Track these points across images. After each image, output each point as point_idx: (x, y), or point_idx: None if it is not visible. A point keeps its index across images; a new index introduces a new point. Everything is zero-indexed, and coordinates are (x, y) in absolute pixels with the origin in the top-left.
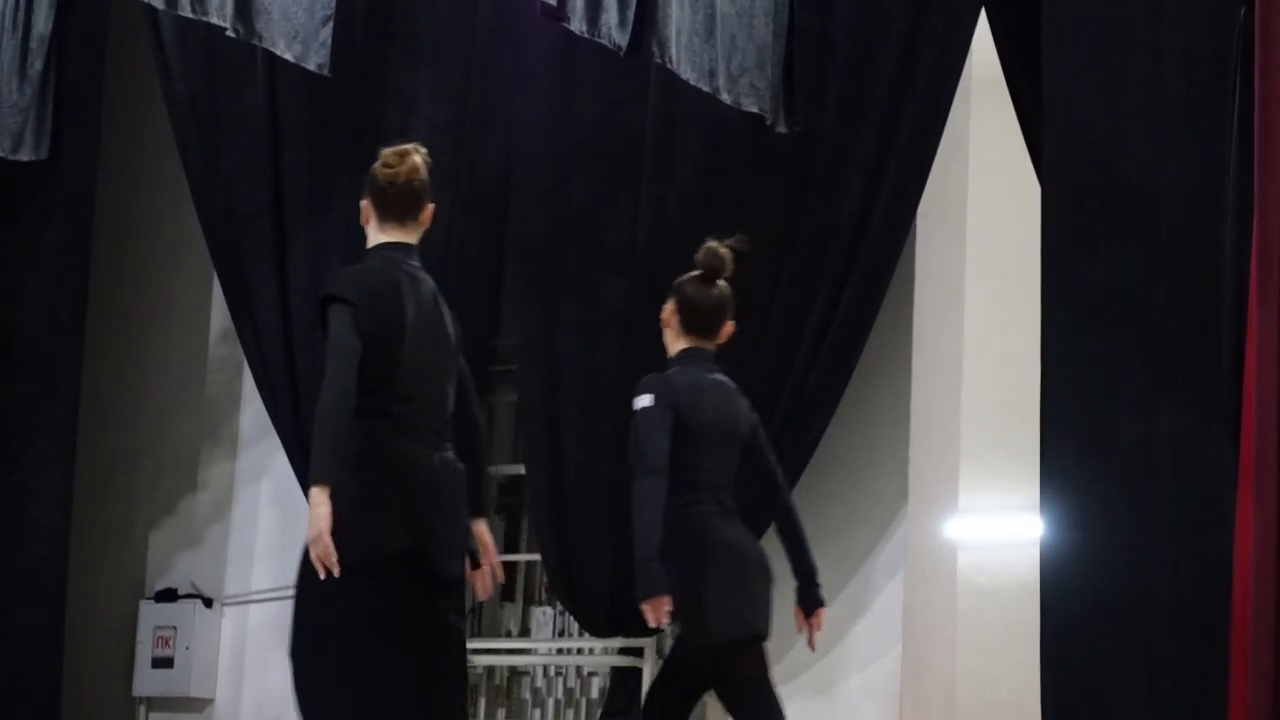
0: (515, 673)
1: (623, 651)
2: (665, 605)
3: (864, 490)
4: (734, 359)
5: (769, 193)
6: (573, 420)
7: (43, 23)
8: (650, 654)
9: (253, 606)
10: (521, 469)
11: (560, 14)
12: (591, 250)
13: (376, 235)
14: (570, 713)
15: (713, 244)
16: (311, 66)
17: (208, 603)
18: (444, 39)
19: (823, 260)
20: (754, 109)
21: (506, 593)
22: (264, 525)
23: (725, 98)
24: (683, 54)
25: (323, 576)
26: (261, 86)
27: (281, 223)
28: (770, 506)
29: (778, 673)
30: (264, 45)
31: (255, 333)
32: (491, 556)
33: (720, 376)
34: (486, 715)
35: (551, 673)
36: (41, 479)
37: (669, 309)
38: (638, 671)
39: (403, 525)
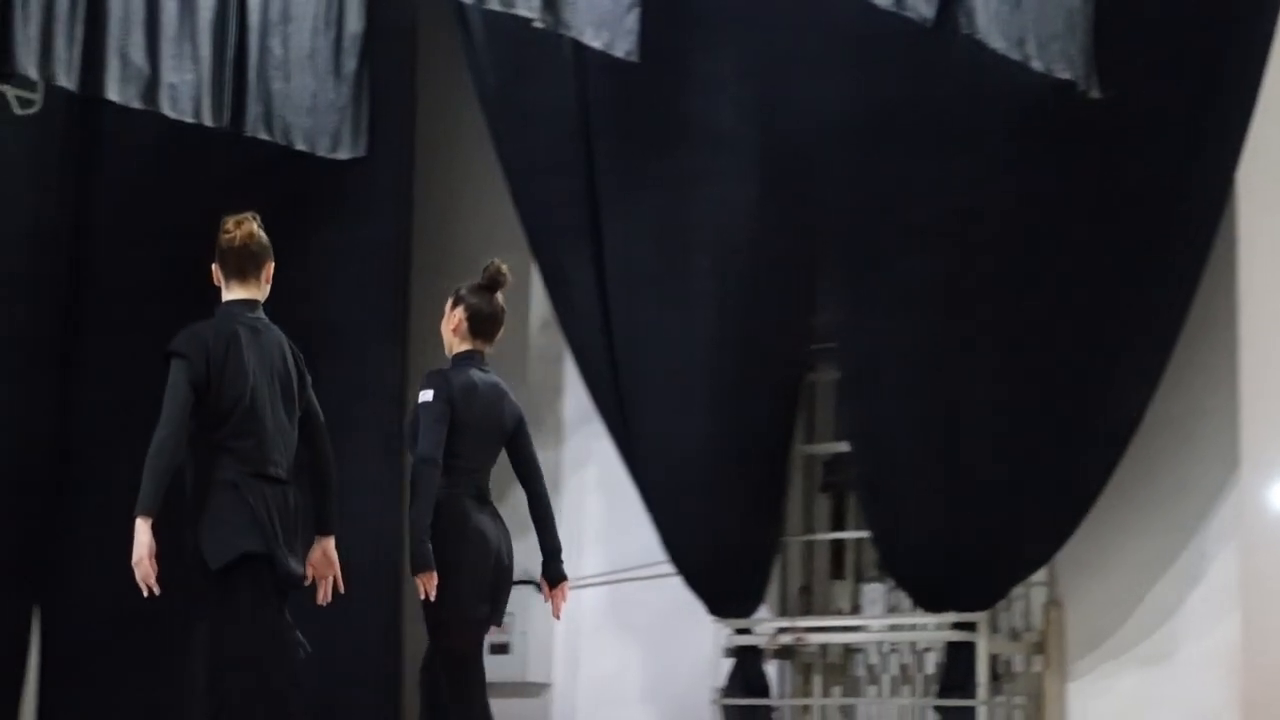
0: (849, 650)
1: (956, 626)
2: (434, 580)
3: (1193, 457)
4: (1045, 327)
5: (1080, 160)
6: (894, 395)
7: (354, 22)
8: (984, 628)
9: (585, 591)
10: (846, 446)
11: None
12: (902, 224)
13: (225, 293)
14: (906, 689)
15: (495, 261)
16: (619, 53)
17: (540, 588)
18: (746, 19)
19: (1139, 226)
20: (1066, 75)
21: (836, 570)
22: (591, 510)
23: (1036, 65)
24: (991, 23)
25: (145, 595)
26: (570, 75)
27: (595, 210)
28: (526, 491)
29: (1117, 643)
30: (571, 34)
31: (575, 320)
32: (334, 569)
33: (492, 376)
34: (822, 693)
35: (885, 649)
36: (368, 475)
37: (458, 316)
38: (971, 646)
39: (253, 532)
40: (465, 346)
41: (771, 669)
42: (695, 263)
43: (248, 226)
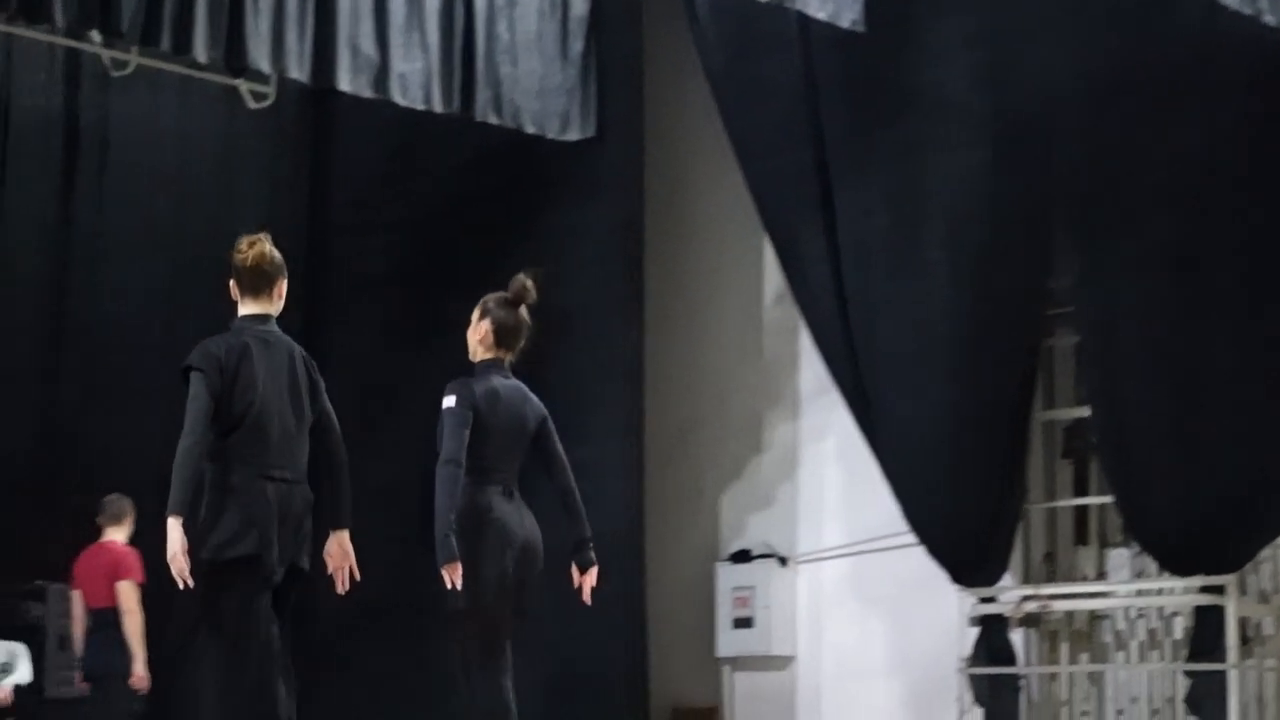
0: (1095, 616)
1: (1204, 590)
2: (459, 570)
3: None
4: None
5: None
6: (1134, 357)
7: (580, 3)
8: (1233, 591)
9: (827, 563)
10: (1086, 411)
11: None
12: (1138, 186)
13: (240, 308)
14: (1154, 654)
15: (521, 276)
16: (845, 24)
17: (782, 561)
18: None
19: None
20: None
21: (1080, 536)
22: (830, 482)
23: (1269, 19)
24: None
25: (181, 586)
26: (797, 48)
27: (826, 182)
28: (553, 485)
29: None
30: (796, 7)
31: (808, 293)
32: (349, 560)
33: (513, 381)
34: (1069, 660)
35: (1132, 614)
36: (610, 451)
37: (485, 328)
38: (1220, 610)
39: (246, 537)
40: (489, 355)
41: (1017, 637)
42: (929, 231)
43: (260, 247)
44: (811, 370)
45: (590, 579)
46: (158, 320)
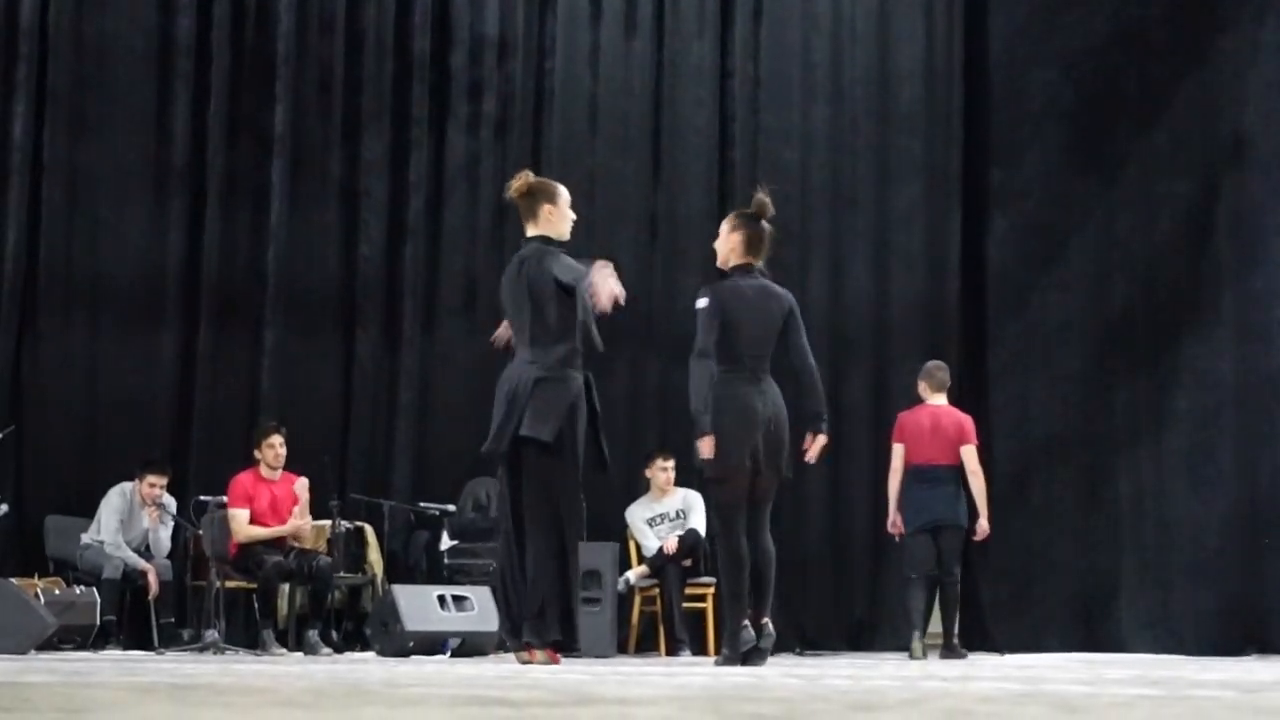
0: None
1: None
2: (709, 443)
3: None
4: None
5: None
6: None
7: None
8: None
9: None
10: None
11: None
12: None
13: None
14: None
15: (760, 195)
16: None
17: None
18: None
19: None
20: None
21: None
22: None
23: None
24: None
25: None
26: None
27: None
28: (793, 365)
29: None
30: None
31: None
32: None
33: (760, 281)
34: None
35: None
36: None
37: (736, 239)
38: None
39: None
40: (739, 261)
41: None
42: None
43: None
44: None
45: (817, 445)
46: (819, 164)
